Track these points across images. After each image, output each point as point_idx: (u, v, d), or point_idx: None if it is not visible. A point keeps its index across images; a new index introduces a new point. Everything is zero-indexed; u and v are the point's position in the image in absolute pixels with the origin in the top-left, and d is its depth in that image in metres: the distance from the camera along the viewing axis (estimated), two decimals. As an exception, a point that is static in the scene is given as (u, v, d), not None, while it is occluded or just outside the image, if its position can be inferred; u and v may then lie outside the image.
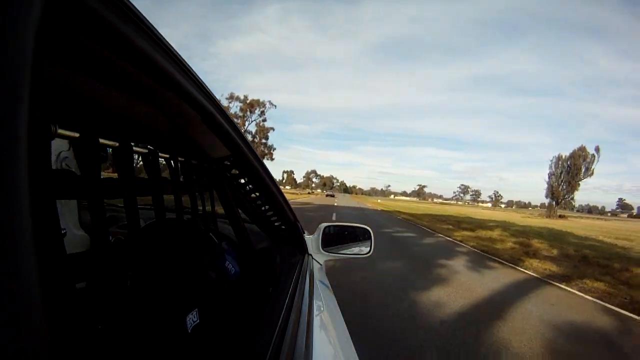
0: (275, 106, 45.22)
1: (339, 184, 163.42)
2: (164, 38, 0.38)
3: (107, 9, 0.29)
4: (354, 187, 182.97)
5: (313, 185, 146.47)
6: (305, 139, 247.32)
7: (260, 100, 44.37)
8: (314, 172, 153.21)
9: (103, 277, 0.52)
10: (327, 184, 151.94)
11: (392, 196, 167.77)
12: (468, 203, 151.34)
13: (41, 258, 0.16)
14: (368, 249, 1.37)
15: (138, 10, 0.32)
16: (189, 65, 0.45)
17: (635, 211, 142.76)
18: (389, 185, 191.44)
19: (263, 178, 0.93)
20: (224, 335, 0.78)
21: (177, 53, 0.42)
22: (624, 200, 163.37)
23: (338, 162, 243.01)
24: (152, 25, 0.35)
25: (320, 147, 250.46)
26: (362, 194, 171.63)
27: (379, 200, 59.33)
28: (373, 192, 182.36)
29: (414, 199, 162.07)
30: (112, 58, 0.36)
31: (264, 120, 44.77)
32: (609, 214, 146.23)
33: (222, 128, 0.64)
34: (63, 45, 0.32)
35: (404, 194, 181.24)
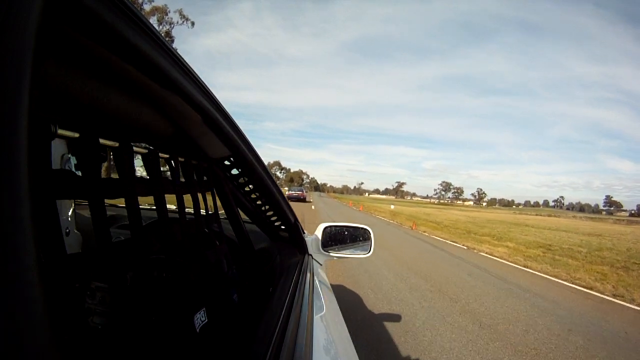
0: (193, 23, 29.87)
1: (309, 180, 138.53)
2: (165, 39, 0.38)
3: (108, 10, 0.29)
4: (324, 184, 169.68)
5: (278, 182, 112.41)
6: (275, 136, 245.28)
7: (161, 5, 27.96)
8: (278, 164, 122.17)
9: (104, 277, 0.52)
10: (295, 179, 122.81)
11: (366, 194, 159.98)
12: (449, 201, 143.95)
13: (41, 258, 0.17)
14: (368, 249, 1.40)
15: (139, 12, 0.32)
16: (189, 66, 0.46)
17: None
18: (362, 183, 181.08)
19: (263, 178, 0.93)
20: (229, 334, 0.78)
21: (178, 54, 0.42)
22: (612, 197, 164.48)
23: (308, 160, 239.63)
24: (153, 26, 0.35)
25: (290, 145, 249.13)
26: (333, 191, 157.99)
27: (392, 207, 31.38)
28: (345, 190, 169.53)
29: (391, 197, 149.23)
30: (113, 59, 0.36)
31: (168, 37, 26.85)
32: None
33: (222, 128, 0.65)
34: (63, 45, 0.32)
35: (377, 191, 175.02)
